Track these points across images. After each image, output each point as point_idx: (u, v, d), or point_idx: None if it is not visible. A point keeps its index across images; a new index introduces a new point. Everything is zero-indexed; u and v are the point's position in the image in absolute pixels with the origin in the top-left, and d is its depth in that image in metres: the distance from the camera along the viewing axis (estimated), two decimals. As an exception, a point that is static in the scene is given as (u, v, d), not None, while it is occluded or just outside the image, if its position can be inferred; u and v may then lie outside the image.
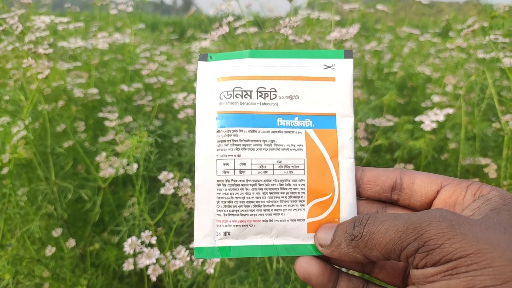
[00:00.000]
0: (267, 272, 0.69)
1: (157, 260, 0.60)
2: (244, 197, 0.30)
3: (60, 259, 0.78)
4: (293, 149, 0.31)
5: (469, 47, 1.09)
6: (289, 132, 0.31)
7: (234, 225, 0.30)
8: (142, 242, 0.59)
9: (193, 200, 0.58)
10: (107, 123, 0.76)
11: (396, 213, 0.24)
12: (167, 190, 0.62)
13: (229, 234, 0.30)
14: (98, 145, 0.83)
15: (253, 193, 0.30)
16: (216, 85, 0.32)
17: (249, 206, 0.30)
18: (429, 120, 0.78)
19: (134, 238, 0.59)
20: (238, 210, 0.30)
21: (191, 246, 0.60)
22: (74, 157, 0.86)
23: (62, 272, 0.76)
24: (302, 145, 0.31)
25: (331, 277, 0.29)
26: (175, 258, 0.61)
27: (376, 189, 0.30)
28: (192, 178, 0.84)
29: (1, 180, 0.78)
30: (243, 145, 0.30)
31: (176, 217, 0.75)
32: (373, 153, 1.03)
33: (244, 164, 0.30)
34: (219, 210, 0.30)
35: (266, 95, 0.31)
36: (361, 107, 0.89)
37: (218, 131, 0.31)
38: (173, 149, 0.92)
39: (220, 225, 0.30)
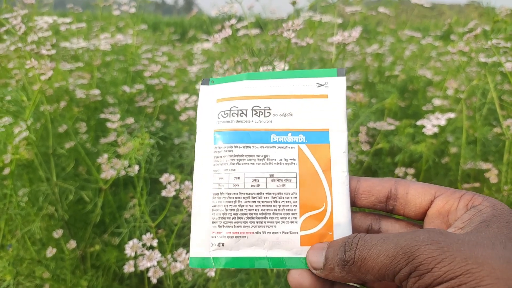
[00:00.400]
0: (267, 275, 0.69)
1: (158, 262, 0.60)
2: (238, 209, 0.31)
3: (61, 260, 0.78)
4: (286, 163, 0.32)
5: (470, 50, 1.09)
6: (282, 147, 0.32)
7: (228, 237, 0.31)
8: (143, 245, 0.59)
9: (195, 203, 0.57)
10: (109, 124, 0.76)
11: (385, 235, 0.25)
12: (168, 192, 0.62)
13: (223, 245, 0.31)
14: (99, 146, 0.83)
15: (247, 206, 0.31)
16: (215, 106, 0.34)
17: (242, 218, 0.31)
18: (431, 125, 0.78)
19: (135, 240, 0.59)
20: (232, 222, 0.31)
21: (192, 249, 0.60)
22: (76, 158, 0.86)
23: (63, 273, 0.76)
24: (295, 159, 0.32)
25: (324, 287, 0.29)
26: (176, 261, 0.61)
27: (372, 199, 0.31)
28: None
29: (2, 180, 0.78)
30: (237, 160, 0.32)
31: (177, 219, 0.75)
32: (374, 156, 1.03)
33: (238, 178, 0.31)
34: (214, 222, 0.31)
35: (261, 113, 0.33)
36: (362, 110, 0.89)
37: (215, 148, 0.32)
38: (174, 151, 0.93)
39: (215, 236, 0.31)
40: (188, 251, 0.61)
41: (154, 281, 0.60)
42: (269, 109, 0.33)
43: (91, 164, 0.78)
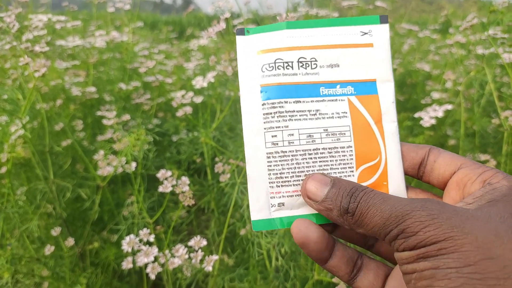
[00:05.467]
0: (266, 269, 0.69)
1: (156, 258, 0.60)
2: (295, 167, 0.30)
3: (60, 258, 0.78)
4: (338, 117, 0.31)
5: (468, 43, 1.09)
6: (332, 100, 0.31)
7: (287, 196, 0.30)
8: (140, 240, 0.59)
9: (190, 198, 0.57)
10: (105, 121, 0.76)
11: (386, 196, 0.25)
12: (165, 188, 0.62)
13: (283, 205, 0.30)
14: (96, 143, 0.83)
15: (303, 163, 0.30)
16: (257, 58, 0.32)
17: (300, 176, 0.30)
18: (428, 117, 0.77)
19: (132, 236, 0.59)
20: (290, 181, 0.30)
21: (189, 244, 0.60)
22: (73, 156, 0.86)
23: (62, 271, 0.75)
24: (346, 112, 0.31)
25: (328, 245, 0.29)
26: (174, 256, 0.61)
27: (405, 165, 0.31)
28: (190, 176, 0.84)
29: (0, 179, 0.78)
30: (289, 116, 0.31)
31: (175, 215, 0.75)
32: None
33: (292, 134, 0.30)
34: (271, 182, 0.30)
35: (307, 65, 0.32)
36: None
37: (263, 104, 0.31)
38: (172, 147, 0.92)
39: (274, 197, 0.30)
40: (186, 247, 0.61)
41: (152, 277, 0.60)
42: (315, 61, 0.32)
43: (88, 162, 0.78)
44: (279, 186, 0.30)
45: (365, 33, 0.32)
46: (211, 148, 0.82)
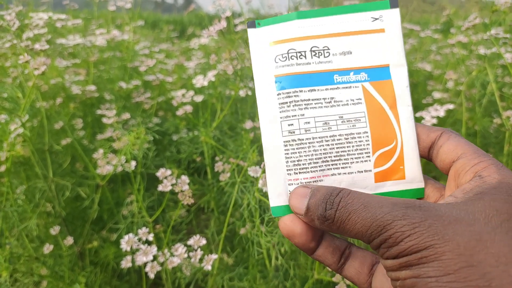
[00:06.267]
0: (266, 269, 0.69)
1: (155, 257, 0.60)
2: (312, 154, 0.31)
3: (59, 257, 0.78)
4: (353, 104, 0.31)
5: (470, 43, 1.08)
6: (346, 87, 0.32)
7: (305, 182, 0.31)
8: (139, 239, 0.59)
9: (189, 197, 0.57)
10: (104, 120, 0.76)
11: (367, 201, 0.25)
12: (164, 187, 0.62)
13: None
14: (96, 142, 0.83)
15: (320, 150, 0.31)
16: (270, 49, 0.33)
17: (317, 162, 0.31)
18: (430, 116, 0.77)
19: (131, 235, 0.58)
20: (308, 168, 0.31)
21: (188, 243, 0.60)
22: (73, 155, 0.86)
23: (61, 270, 0.75)
24: (361, 99, 0.31)
25: (314, 236, 0.29)
26: (173, 256, 0.60)
27: None
28: (190, 176, 0.84)
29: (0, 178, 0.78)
30: (304, 104, 0.31)
31: (174, 214, 0.75)
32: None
33: (308, 122, 0.31)
34: (289, 170, 0.31)
35: (320, 53, 0.32)
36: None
37: (279, 94, 0.32)
38: (172, 146, 0.92)
39: (292, 184, 0.31)
40: (185, 246, 0.61)
41: (151, 276, 0.59)
42: (328, 49, 0.32)
43: (88, 161, 0.78)
44: (296, 173, 0.31)
45: (376, 19, 0.33)
46: (211, 147, 0.82)
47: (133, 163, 0.69)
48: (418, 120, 0.84)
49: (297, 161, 0.31)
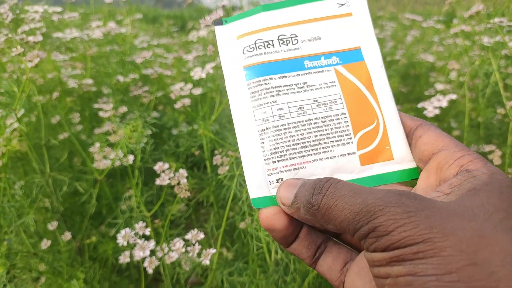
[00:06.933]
0: (266, 263, 0.68)
1: (153, 252, 0.59)
2: (289, 140, 0.30)
3: (58, 253, 0.77)
4: (327, 87, 0.31)
5: (473, 33, 1.06)
6: (318, 72, 0.31)
7: (285, 170, 0.30)
8: (136, 234, 0.58)
9: (187, 190, 0.56)
10: (101, 113, 0.75)
11: (357, 188, 0.23)
12: (162, 181, 0.61)
13: (282, 180, 0.29)
14: (94, 137, 0.82)
15: (297, 135, 0.30)
16: (237, 43, 0.32)
17: (296, 148, 0.30)
18: (432, 107, 0.76)
19: (127, 229, 0.58)
20: (286, 155, 0.30)
21: (186, 237, 0.59)
22: (70, 150, 0.85)
23: (60, 266, 0.75)
24: (335, 82, 0.31)
25: (294, 231, 0.28)
26: (171, 250, 0.60)
27: None
28: (189, 169, 0.83)
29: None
30: (276, 91, 0.30)
31: (172, 208, 0.74)
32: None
33: (282, 108, 0.30)
34: (267, 159, 0.30)
35: (288, 41, 0.32)
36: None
37: (249, 83, 0.31)
38: (170, 140, 0.91)
39: (271, 173, 0.30)
40: (183, 240, 0.60)
41: (150, 271, 0.58)
42: (296, 36, 0.32)
43: (86, 155, 0.77)
44: (275, 162, 0.30)
45: (342, 4, 0.32)
46: (210, 141, 0.81)
47: (131, 157, 0.68)
48: (420, 111, 0.83)
49: (274, 149, 0.30)
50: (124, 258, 0.63)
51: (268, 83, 0.31)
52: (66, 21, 0.98)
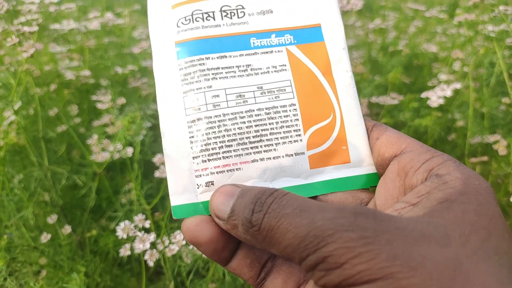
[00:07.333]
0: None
1: (154, 245, 0.58)
2: (224, 135, 0.25)
3: (59, 247, 0.76)
4: (275, 71, 0.26)
5: (477, 22, 1.04)
6: (266, 52, 0.26)
7: (217, 172, 0.25)
8: (136, 226, 0.57)
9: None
10: (99, 105, 0.74)
11: (303, 203, 0.19)
12: (162, 173, 0.60)
13: (212, 184, 0.25)
14: (93, 129, 0.81)
15: (234, 129, 0.25)
16: (171, 13, 0.27)
17: (231, 145, 0.25)
18: (436, 96, 0.74)
19: (127, 222, 0.57)
20: (219, 153, 0.25)
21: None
22: (69, 143, 0.84)
23: (60, 259, 0.74)
24: (285, 65, 0.26)
25: (227, 244, 0.23)
26: (172, 243, 0.59)
27: None
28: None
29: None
30: (212, 74, 0.25)
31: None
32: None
33: (218, 96, 0.25)
34: (196, 157, 0.25)
35: (233, 14, 0.26)
36: (364, 84, 0.85)
37: (180, 64, 0.26)
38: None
39: (200, 175, 0.25)
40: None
41: (151, 264, 0.58)
42: (243, 8, 0.26)
43: (84, 149, 0.76)
44: (205, 161, 0.25)
45: None
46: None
47: (130, 149, 0.67)
48: (424, 101, 0.82)
49: (205, 145, 0.25)
50: (124, 251, 0.62)
51: (204, 64, 0.25)
52: (64, 12, 0.97)
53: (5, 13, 0.75)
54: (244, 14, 0.26)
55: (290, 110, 0.25)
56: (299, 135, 0.25)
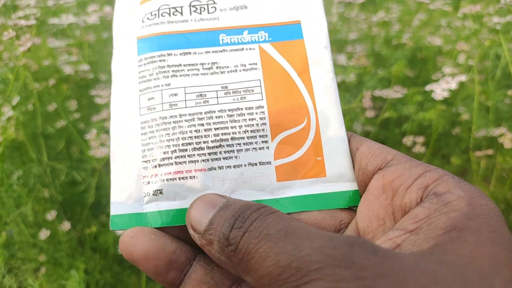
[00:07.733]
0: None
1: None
2: (178, 137, 0.22)
3: (58, 243, 0.76)
4: (244, 70, 0.23)
5: (482, 14, 1.03)
6: (236, 49, 0.24)
7: (167, 179, 0.22)
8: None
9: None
10: (98, 100, 0.73)
11: (291, 225, 0.15)
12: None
13: (161, 193, 0.22)
14: (92, 125, 0.80)
15: (191, 131, 0.22)
16: (139, 9, 0.25)
17: (186, 149, 0.22)
18: (441, 89, 0.73)
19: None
20: (172, 157, 0.22)
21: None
22: (68, 138, 0.83)
23: (60, 256, 0.74)
24: (256, 63, 0.23)
25: (173, 263, 0.20)
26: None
27: None
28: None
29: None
30: (172, 71, 0.23)
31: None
32: (381, 127, 0.98)
33: (176, 94, 0.23)
34: (146, 162, 0.22)
35: (203, 9, 0.24)
36: (367, 78, 0.84)
37: (140, 60, 0.24)
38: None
39: (149, 182, 0.22)
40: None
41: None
42: (214, 3, 0.24)
43: (83, 144, 0.75)
44: (156, 166, 0.22)
45: None
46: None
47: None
48: (428, 94, 0.80)
49: (158, 148, 0.22)
50: (123, 248, 0.62)
51: (164, 60, 0.23)
52: (63, 6, 0.96)
53: (2, 8, 0.74)
54: (215, 9, 0.25)
55: (256, 113, 0.22)
56: (266, 141, 0.22)
